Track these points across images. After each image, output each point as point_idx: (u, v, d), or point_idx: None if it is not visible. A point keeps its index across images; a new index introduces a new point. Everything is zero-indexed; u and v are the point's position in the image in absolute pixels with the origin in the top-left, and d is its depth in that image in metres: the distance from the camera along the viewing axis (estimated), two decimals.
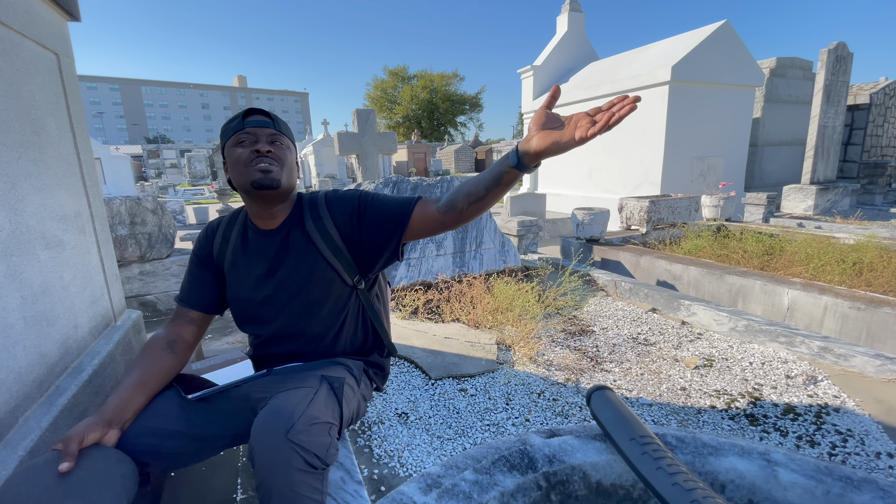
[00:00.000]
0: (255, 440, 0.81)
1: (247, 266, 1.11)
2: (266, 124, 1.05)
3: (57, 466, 0.74)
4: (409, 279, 3.19)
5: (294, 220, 1.12)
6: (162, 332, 1.11)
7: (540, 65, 8.90)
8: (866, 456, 1.53)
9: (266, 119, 1.06)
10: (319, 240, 1.09)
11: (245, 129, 1.04)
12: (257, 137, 1.04)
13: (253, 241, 1.11)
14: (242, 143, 1.04)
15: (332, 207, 1.12)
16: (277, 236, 1.10)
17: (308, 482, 0.81)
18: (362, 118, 6.42)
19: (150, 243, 3.24)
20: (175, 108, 76.22)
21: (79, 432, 0.81)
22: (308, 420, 0.84)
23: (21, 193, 1.09)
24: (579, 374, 2.15)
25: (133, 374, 0.97)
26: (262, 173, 1.01)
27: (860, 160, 8.73)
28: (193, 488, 1.33)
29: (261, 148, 1.02)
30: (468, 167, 24.66)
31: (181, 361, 1.09)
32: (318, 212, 1.12)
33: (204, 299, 1.15)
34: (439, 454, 1.60)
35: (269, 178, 1.02)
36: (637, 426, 0.84)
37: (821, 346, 2.15)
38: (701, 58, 6.21)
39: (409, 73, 37.80)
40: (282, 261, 1.09)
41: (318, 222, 1.10)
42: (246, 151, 1.03)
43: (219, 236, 1.15)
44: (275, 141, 1.06)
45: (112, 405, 0.89)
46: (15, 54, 1.13)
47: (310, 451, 0.81)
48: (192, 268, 1.17)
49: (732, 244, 4.14)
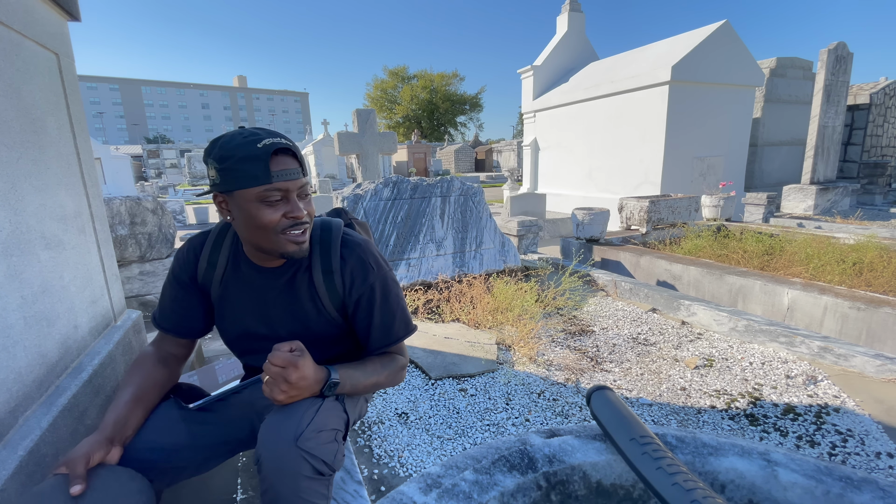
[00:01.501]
0: (263, 447, 0.80)
1: (241, 303, 1.00)
2: (297, 175, 0.86)
3: (65, 491, 0.71)
4: (409, 279, 3.19)
5: (304, 261, 0.98)
6: (150, 349, 1.04)
7: (540, 65, 8.91)
8: (866, 456, 1.53)
9: (295, 165, 0.86)
10: (325, 296, 0.98)
11: (274, 183, 0.83)
12: (289, 194, 0.86)
13: (249, 276, 0.99)
14: (270, 200, 0.85)
15: (346, 265, 0.98)
16: (280, 278, 0.98)
17: (315, 489, 0.81)
18: (362, 118, 6.42)
19: (150, 243, 3.24)
20: (175, 108, 76.23)
21: (83, 453, 0.77)
22: (316, 427, 0.82)
23: (21, 193, 1.09)
24: (579, 374, 2.14)
25: (127, 389, 0.93)
26: (296, 245, 0.89)
27: (860, 160, 8.73)
28: (193, 488, 1.33)
29: (297, 214, 0.86)
30: (468, 167, 24.67)
31: (174, 375, 1.05)
32: (329, 261, 0.97)
33: (190, 325, 1.05)
34: (439, 454, 1.60)
35: (303, 250, 0.90)
36: (637, 426, 0.84)
37: (821, 346, 2.15)
38: (701, 58, 6.21)
39: (409, 73, 37.81)
40: (284, 306, 0.99)
41: (328, 276, 0.97)
42: (276, 214, 0.85)
43: (203, 260, 1.02)
44: (305, 194, 0.90)
45: (111, 422, 0.85)
46: (15, 54, 1.13)
47: (318, 458, 0.80)
48: (172, 291, 1.03)
49: (732, 244, 4.14)
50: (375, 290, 1.00)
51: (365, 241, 1.03)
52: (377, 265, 1.01)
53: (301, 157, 0.89)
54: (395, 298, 1.03)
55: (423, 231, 3.27)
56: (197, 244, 1.04)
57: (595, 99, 7.42)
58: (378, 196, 3.13)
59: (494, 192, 13.80)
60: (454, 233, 3.39)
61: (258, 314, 1.00)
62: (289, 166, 0.85)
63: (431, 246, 3.30)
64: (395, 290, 1.04)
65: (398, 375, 1.05)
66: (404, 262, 3.20)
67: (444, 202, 3.35)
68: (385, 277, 1.02)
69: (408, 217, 3.23)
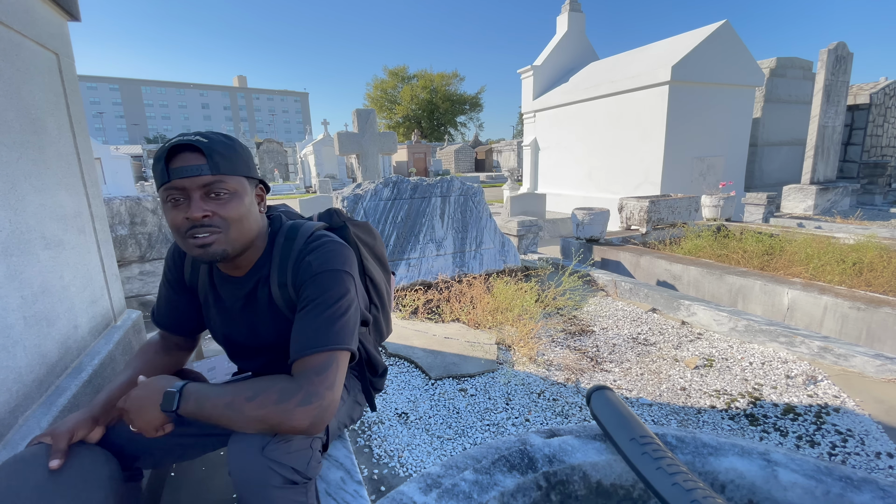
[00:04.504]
0: (231, 456, 0.78)
1: (217, 310, 1.01)
2: (198, 171, 0.78)
3: (44, 461, 0.74)
4: (409, 279, 3.19)
5: (262, 272, 0.95)
6: (157, 338, 1.08)
7: (540, 65, 8.91)
8: (866, 456, 1.53)
9: (198, 160, 0.79)
10: (285, 308, 0.94)
11: (171, 181, 0.79)
12: (189, 192, 0.80)
13: (219, 284, 0.99)
14: (173, 201, 0.81)
15: (297, 273, 0.91)
16: (244, 287, 0.96)
17: (289, 497, 0.78)
18: (362, 118, 6.42)
19: (150, 243, 3.24)
20: (175, 108, 76.23)
21: (68, 429, 0.80)
22: (286, 436, 0.79)
23: (21, 193, 1.09)
24: (579, 374, 2.14)
25: (126, 372, 0.96)
26: (200, 249, 0.82)
27: (860, 160, 8.73)
28: (193, 488, 1.33)
29: (192, 214, 0.79)
30: (468, 167, 24.66)
31: (178, 363, 1.07)
32: (285, 274, 0.92)
33: (182, 324, 1.06)
34: (439, 454, 1.60)
35: (210, 253, 0.83)
36: (637, 426, 0.84)
37: (821, 346, 2.15)
38: (701, 58, 6.21)
39: (409, 73, 37.78)
40: (249, 316, 0.98)
41: (283, 289, 0.92)
42: (179, 216, 0.80)
43: (188, 264, 1.03)
44: (214, 193, 0.81)
45: (101, 402, 0.88)
46: (15, 54, 1.13)
47: (287, 467, 0.78)
48: (166, 292, 1.05)
49: (732, 244, 4.14)
50: (307, 287, 0.88)
51: (332, 243, 0.93)
52: (324, 265, 0.89)
53: (215, 152, 0.80)
54: (329, 299, 0.86)
55: (423, 231, 3.27)
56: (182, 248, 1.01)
57: (595, 99, 7.42)
58: (378, 196, 3.13)
59: (494, 192, 13.80)
60: (454, 233, 3.39)
61: (231, 322, 1.00)
62: (187, 163, 0.78)
63: (431, 246, 3.30)
64: (335, 292, 0.87)
65: (285, 405, 0.76)
66: (404, 262, 3.20)
67: (444, 202, 3.35)
68: (327, 275, 0.88)
69: (408, 217, 3.23)
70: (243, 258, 0.93)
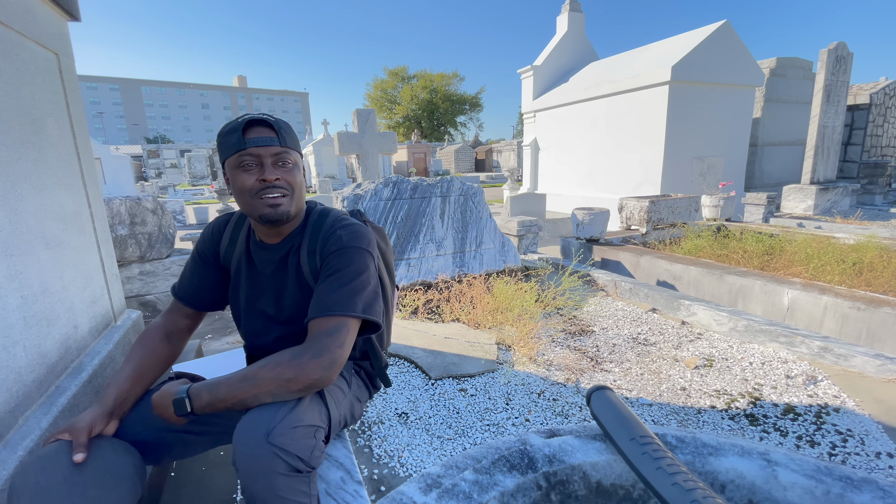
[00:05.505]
0: (237, 444, 0.80)
1: (248, 277, 1.09)
2: (271, 142, 0.93)
3: (67, 457, 0.77)
4: (409, 279, 3.19)
5: (296, 241, 1.05)
6: (159, 321, 1.11)
7: (540, 65, 8.91)
8: (866, 456, 1.53)
9: (270, 134, 0.94)
10: (310, 276, 1.03)
11: (247, 148, 0.92)
12: (262, 160, 0.93)
13: (255, 252, 1.08)
14: (245, 166, 0.93)
15: (325, 247, 1.00)
16: (277, 254, 1.05)
17: (292, 485, 0.80)
18: (362, 118, 6.42)
19: (150, 243, 3.24)
20: (175, 108, 76.20)
21: (87, 424, 0.83)
22: (290, 423, 0.81)
23: (21, 193, 1.09)
24: (579, 374, 2.14)
25: (130, 364, 0.99)
26: (270, 208, 0.94)
27: (860, 160, 8.73)
28: (193, 488, 1.33)
29: (267, 177, 0.93)
30: (468, 167, 24.66)
31: (177, 352, 1.11)
32: (316, 242, 1.02)
33: (203, 298, 1.13)
34: (439, 454, 1.60)
35: (279, 213, 0.95)
36: (637, 426, 0.84)
37: (821, 345, 2.15)
38: (701, 58, 6.21)
39: (408, 73, 37.78)
40: (276, 282, 1.06)
41: (311, 257, 1.02)
42: (251, 179, 0.93)
43: (226, 237, 1.11)
44: (282, 162, 0.95)
45: (112, 396, 0.91)
46: (15, 54, 1.13)
47: (292, 454, 0.79)
48: (194, 265, 1.13)
49: (732, 244, 4.14)
50: (333, 257, 0.97)
51: (361, 226, 1.03)
52: (352, 241, 0.98)
53: (282, 129, 0.96)
54: (353, 273, 0.95)
55: (423, 231, 3.27)
56: (221, 222, 1.14)
57: (595, 99, 7.42)
58: (378, 196, 3.13)
59: (494, 192, 13.80)
60: (454, 233, 3.39)
61: (258, 287, 1.08)
62: (262, 134, 0.93)
63: (431, 246, 3.30)
64: (358, 266, 0.96)
65: (298, 359, 0.84)
66: (404, 262, 3.20)
67: (444, 202, 3.35)
68: (354, 251, 0.97)
69: (408, 217, 3.23)
70: (287, 225, 1.03)
